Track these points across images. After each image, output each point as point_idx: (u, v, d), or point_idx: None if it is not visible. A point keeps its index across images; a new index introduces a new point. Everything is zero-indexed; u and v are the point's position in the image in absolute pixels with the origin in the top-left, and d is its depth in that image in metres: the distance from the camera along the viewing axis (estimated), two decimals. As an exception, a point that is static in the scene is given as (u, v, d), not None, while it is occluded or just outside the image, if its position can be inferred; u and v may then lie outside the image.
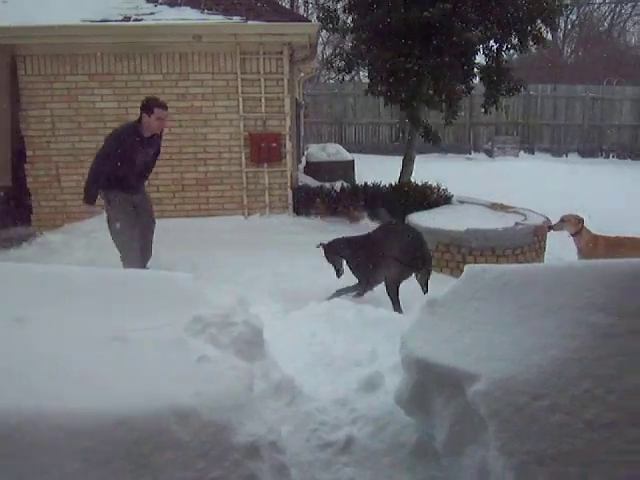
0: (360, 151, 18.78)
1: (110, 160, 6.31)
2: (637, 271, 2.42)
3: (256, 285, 6.35)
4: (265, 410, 2.80)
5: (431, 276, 6.32)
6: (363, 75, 18.07)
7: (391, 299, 6.07)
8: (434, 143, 10.64)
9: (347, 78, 17.84)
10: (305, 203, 9.87)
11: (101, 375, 2.45)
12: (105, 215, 6.56)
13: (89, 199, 6.44)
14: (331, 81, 23.73)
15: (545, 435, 2.20)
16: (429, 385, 2.72)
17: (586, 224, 7.09)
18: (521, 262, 7.56)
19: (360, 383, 3.31)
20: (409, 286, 6.16)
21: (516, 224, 7.90)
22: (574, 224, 7.00)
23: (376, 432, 2.98)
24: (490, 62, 10.00)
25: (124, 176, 6.41)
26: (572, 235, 7.07)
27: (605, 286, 2.43)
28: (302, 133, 16.20)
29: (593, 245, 6.92)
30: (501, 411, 2.28)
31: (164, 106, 6.48)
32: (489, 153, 21.50)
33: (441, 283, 7.39)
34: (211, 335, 2.92)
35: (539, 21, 9.60)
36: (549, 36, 12.51)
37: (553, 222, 7.35)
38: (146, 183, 7.05)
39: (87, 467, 2.14)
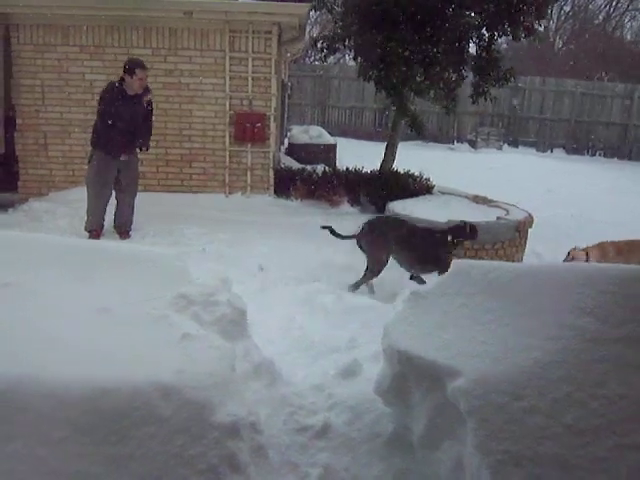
0: (342, 135, 18.70)
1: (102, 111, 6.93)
2: (627, 277, 2.43)
3: (236, 264, 6.32)
4: (245, 391, 2.80)
5: None
6: (349, 58, 17.90)
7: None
8: (419, 133, 10.59)
9: (332, 60, 17.59)
10: (286, 185, 9.81)
11: (86, 345, 2.45)
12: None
13: (118, 152, 7.09)
14: (316, 63, 23.57)
15: (523, 436, 2.19)
16: (409, 377, 2.72)
17: (588, 250, 7.00)
18: (501, 257, 7.59)
19: (338, 370, 3.33)
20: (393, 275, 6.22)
21: (498, 218, 7.91)
22: (581, 259, 6.95)
23: (353, 419, 3.00)
24: (481, 51, 9.93)
25: (110, 134, 6.91)
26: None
27: (594, 291, 2.43)
28: (286, 114, 16.10)
29: (605, 257, 6.89)
30: (480, 409, 2.28)
31: (143, 66, 7.10)
32: (472, 144, 21.37)
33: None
34: (195, 313, 2.91)
35: (531, 10, 9.48)
36: (541, 27, 12.28)
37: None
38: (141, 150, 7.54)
39: (71, 435, 2.15)
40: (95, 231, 7.15)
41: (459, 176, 12.65)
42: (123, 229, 7.36)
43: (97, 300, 2.70)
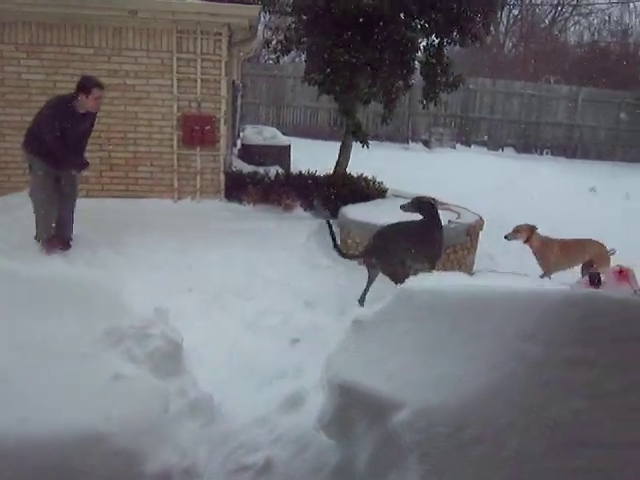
0: (297, 135, 18.57)
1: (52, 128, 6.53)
2: (566, 300, 2.37)
3: (183, 274, 6.15)
4: (180, 432, 2.65)
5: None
6: (304, 57, 17.78)
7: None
8: (362, 143, 10.39)
9: (287, 60, 17.40)
10: (238, 188, 9.62)
11: (1, 391, 2.25)
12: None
13: (80, 166, 6.92)
14: (271, 62, 23.41)
15: (468, 467, 2.12)
16: (352, 409, 2.63)
17: (538, 230, 7.47)
18: (452, 261, 7.56)
19: (282, 400, 3.20)
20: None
21: (449, 222, 7.85)
22: (524, 233, 7.43)
23: (296, 453, 2.88)
24: (430, 57, 9.92)
25: (56, 149, 6.58)
26: (525, 242, 7.48)
27: (535, 314, 2.36)
28: (239, 116, 15.87)
29: (547, 248, 7.36)
30: (423, 442, 2.21)
31: (102, 86, 6.70)
32: (426, 144, 21.64)
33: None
34: (127, 348, 2.75)
35: (478, 18, 9.54)
36: (491, 32, 12.43)
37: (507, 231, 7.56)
38: (86, 156, 7.14)
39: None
40: (51, 240, 6.78)
41: (414, 176, 12.63)
42: (63, 239, 7.05)
43: (15, 337, 2.50)
